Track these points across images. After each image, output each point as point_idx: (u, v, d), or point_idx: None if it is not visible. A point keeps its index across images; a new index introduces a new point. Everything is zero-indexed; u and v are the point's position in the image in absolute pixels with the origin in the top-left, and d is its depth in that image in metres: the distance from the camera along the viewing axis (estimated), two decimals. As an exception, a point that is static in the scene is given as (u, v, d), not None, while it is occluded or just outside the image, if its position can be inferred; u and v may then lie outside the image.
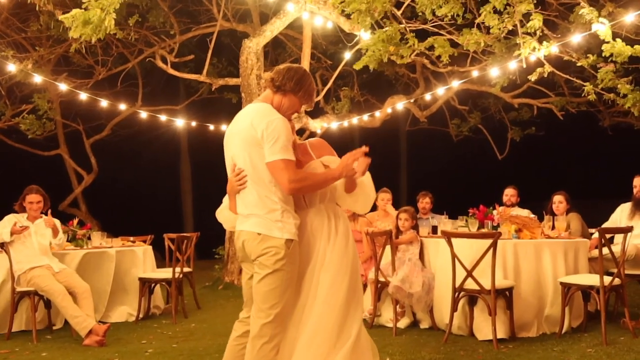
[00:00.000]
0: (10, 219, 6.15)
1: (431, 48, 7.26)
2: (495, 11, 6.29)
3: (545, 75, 6.91)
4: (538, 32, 6.23)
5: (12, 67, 8.77)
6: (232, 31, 11.30)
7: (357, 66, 7.23)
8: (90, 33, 5.14)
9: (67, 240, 6.79)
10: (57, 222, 6.43)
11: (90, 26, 5.00)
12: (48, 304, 6.10)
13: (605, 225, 6.83)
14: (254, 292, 3.25)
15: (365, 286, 6.58)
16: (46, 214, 6.37)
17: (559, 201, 7.00)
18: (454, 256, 5.30)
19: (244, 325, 3.38)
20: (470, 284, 5.28)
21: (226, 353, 3.44)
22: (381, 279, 6.03)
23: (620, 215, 6.89)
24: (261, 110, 3.29)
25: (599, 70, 6.95)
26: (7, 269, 5.98)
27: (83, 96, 9.63)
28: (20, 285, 5.96)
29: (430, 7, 6.27)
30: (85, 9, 5.25)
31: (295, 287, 3.28)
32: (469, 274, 5.23)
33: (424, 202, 7.77)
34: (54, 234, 6.24)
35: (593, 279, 5.36)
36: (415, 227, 6.21)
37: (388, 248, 6.07)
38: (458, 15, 6.59)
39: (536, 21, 6.04)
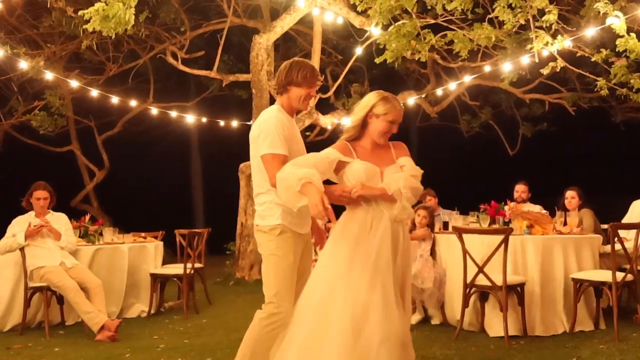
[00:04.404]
0: (20, 221, 6.19)
1: (450, 42, 7.23)
2: (509, 6, 6.24)
3: (558, 70, 6.87)
4: (554, 27, 6.17)
5: (24, 65, 8.81)
6: (241, 27, 11.30)
7: (378, 60, 7.27)
8: (114, 27, 5.23)
9: (79, 237, 6.82)
10: (65, 217, 6.46)
11: (113, 20, 5.09)
12: (61, 299, 6.15)
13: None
14: None
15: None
16: (52, 210, 6.40)
17: (571, 196, 6.96)
18: (465, 252, 5.29)
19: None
20: (481, 280, 5.26)
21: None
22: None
23: (631, 214, 6.85)
24: (262, 113, 3.56)
25: (612, 65, 6.89)
26: (20, 266, 6.02)
27: (94, 93, 9.67)
28: (33, 280, 6.00)
29: (442, 2, 6.23)
30: (106, 3, 5.31)
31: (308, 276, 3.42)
32: (481, 270, 5.22)
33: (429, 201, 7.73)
34: (56, 238, 6.23)
35: (605, 275, 5.33)
36: (431, 226, 6.21)
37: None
38: (468, 9, 6.56)
39: (552, 15, 5.99)
